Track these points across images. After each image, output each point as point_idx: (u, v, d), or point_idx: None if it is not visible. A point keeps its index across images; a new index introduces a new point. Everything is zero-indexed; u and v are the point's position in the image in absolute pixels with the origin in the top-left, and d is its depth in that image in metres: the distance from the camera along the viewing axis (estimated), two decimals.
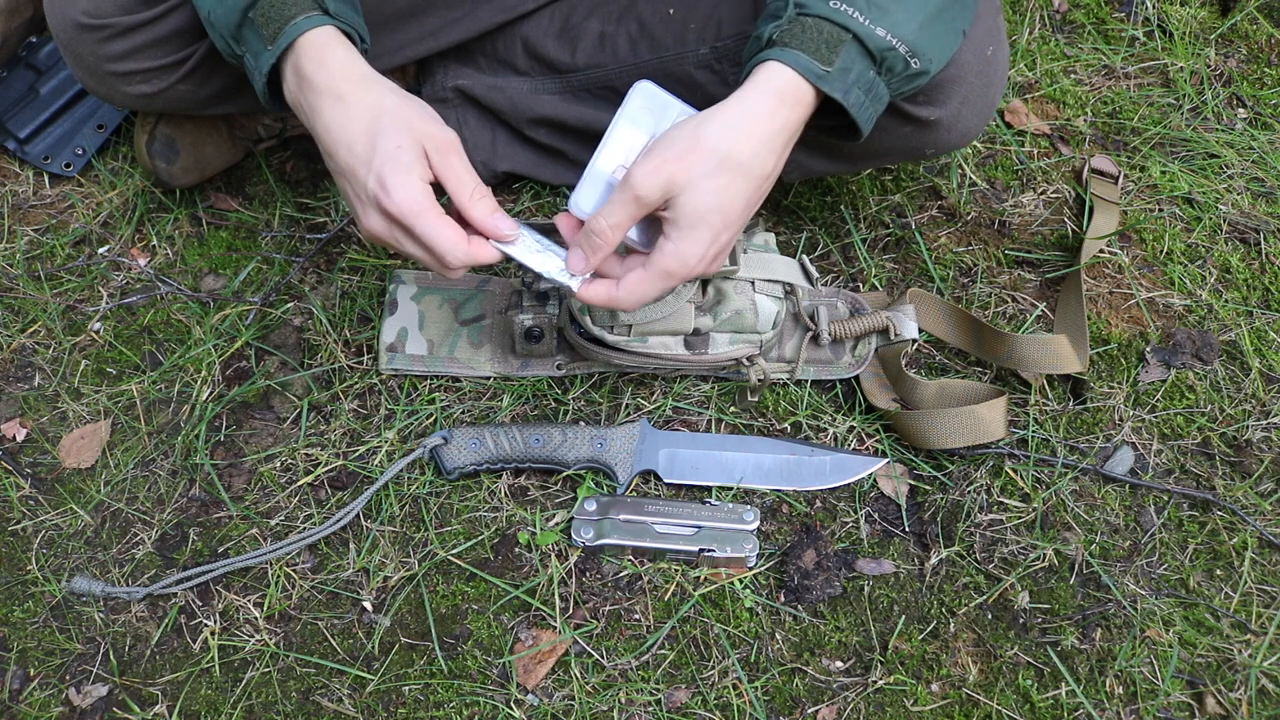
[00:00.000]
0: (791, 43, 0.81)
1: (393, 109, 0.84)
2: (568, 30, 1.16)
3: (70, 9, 1.00)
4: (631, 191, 0.81)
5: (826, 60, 0.81)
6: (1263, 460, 1.08)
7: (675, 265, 0.84)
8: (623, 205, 0.82)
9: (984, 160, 1.32)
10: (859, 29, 0.81)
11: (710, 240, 0.84)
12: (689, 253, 0.83)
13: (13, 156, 1.32)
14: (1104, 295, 1.20)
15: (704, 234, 0.83)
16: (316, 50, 0.86)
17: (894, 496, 1.06)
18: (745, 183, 0.82)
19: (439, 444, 1.04)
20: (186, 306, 1.19)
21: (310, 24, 0.86)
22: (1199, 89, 1.40)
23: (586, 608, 0.99)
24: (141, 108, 1.14)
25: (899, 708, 0.94)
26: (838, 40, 0.81)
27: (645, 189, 0.81)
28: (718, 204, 0.82)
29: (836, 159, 1.12)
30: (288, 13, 0.86)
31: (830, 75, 0.81)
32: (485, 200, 0.86)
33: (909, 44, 0.83)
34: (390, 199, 0.82)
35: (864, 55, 0.82)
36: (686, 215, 0.82)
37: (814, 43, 0.81)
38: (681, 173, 0.81)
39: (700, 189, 0.81)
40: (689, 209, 0.82)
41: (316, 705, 0.95)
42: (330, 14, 0.87)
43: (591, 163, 0.87)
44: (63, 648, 0.98)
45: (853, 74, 0.82)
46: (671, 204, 0.82)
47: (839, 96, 0.82)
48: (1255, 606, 1.00)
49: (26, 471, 1.08)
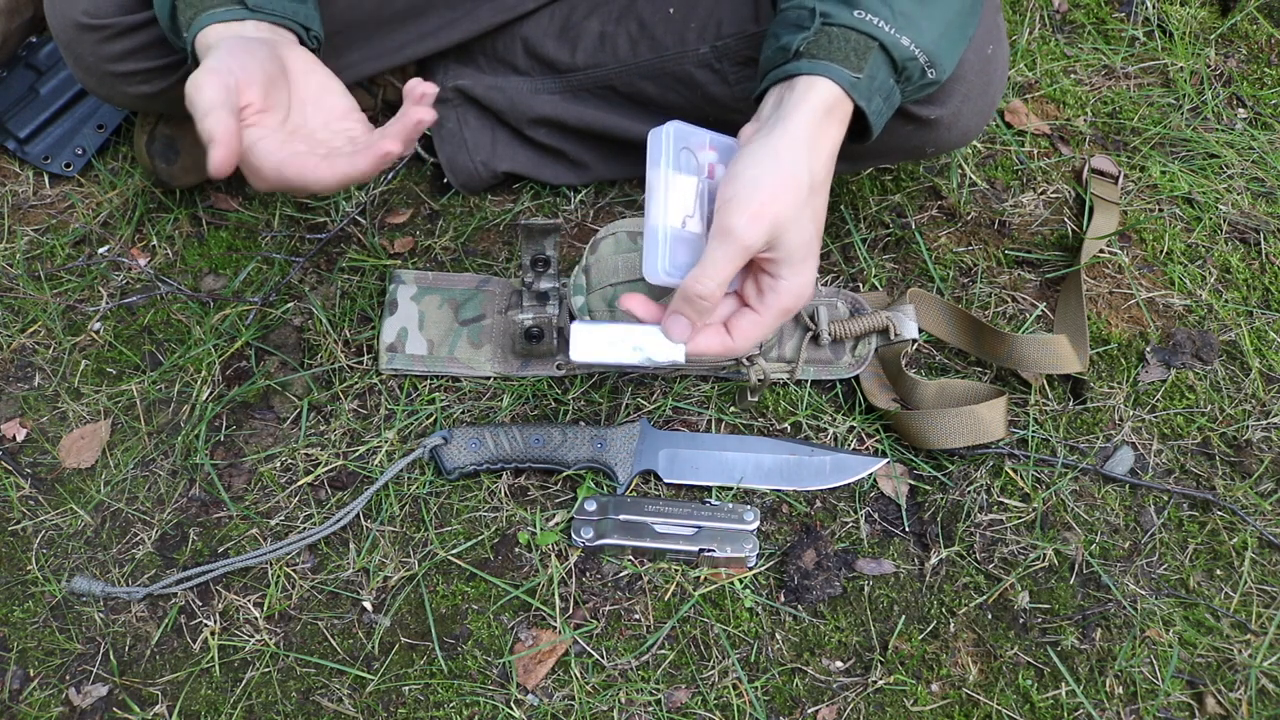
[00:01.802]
0: (820, 54, 0.81)
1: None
2: (568, 30, 1.16)
3: (70, 9, 1.00)
4: (737, 244, 0.77)
5: (856, 69, 0.81)
6: (1263, 460, 1.08)
7: (793, 302, 0.82)
8: (727, 259, 0.77)
9: (984, 160, 1.32)
10: (885, 38, 0.81)
11: (816, 264, 0.82)
12: (805, 285, 0.81)
13: (13, 156, 1.32)
14: (1104, 295, 1.20)
15: (813, 263, 0.82)
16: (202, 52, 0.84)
17: (894, 496, 1.06)
18: (823, 201, 0.82)
19: (439, 444, 1.04)
20: (186, 306, 1.19)
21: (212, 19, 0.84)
22: (1199, 89, 1.40)
23: (586, 608, 0.99)
24: (141, 108, 1.14)
25: (899, 708, 0.94)
26: (865, 49, 0.81)
27: (752, 238, 0.77)
28: (815, 231, 0.81)
29: (838, 159, 1.12)
30: (205, 3, 0.84)
31: (860, 82, 0.81)
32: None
33: (928, 53, 0.84)
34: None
35: (887, 64, 0.82)
36: (797, 251, 0.79)
37: (843, 52, 0.81)
38: (783, 213, 0.78)
39: (801, 223, 0.79)
40: (797, 244, 0.79)
41: (316, 705, 0.95)
42: (248, 6, 0.84)
43: (648, 222, 0.81)
44: (63, 648, 0.98)
45: (876, 82, 0.82)
46: (776, 245, 0.79)
47: (864, 104, 0.82)
48: (1255, 606, 1.00)
49: (26, 471, 1.08)
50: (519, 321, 1.06)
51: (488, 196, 1.28)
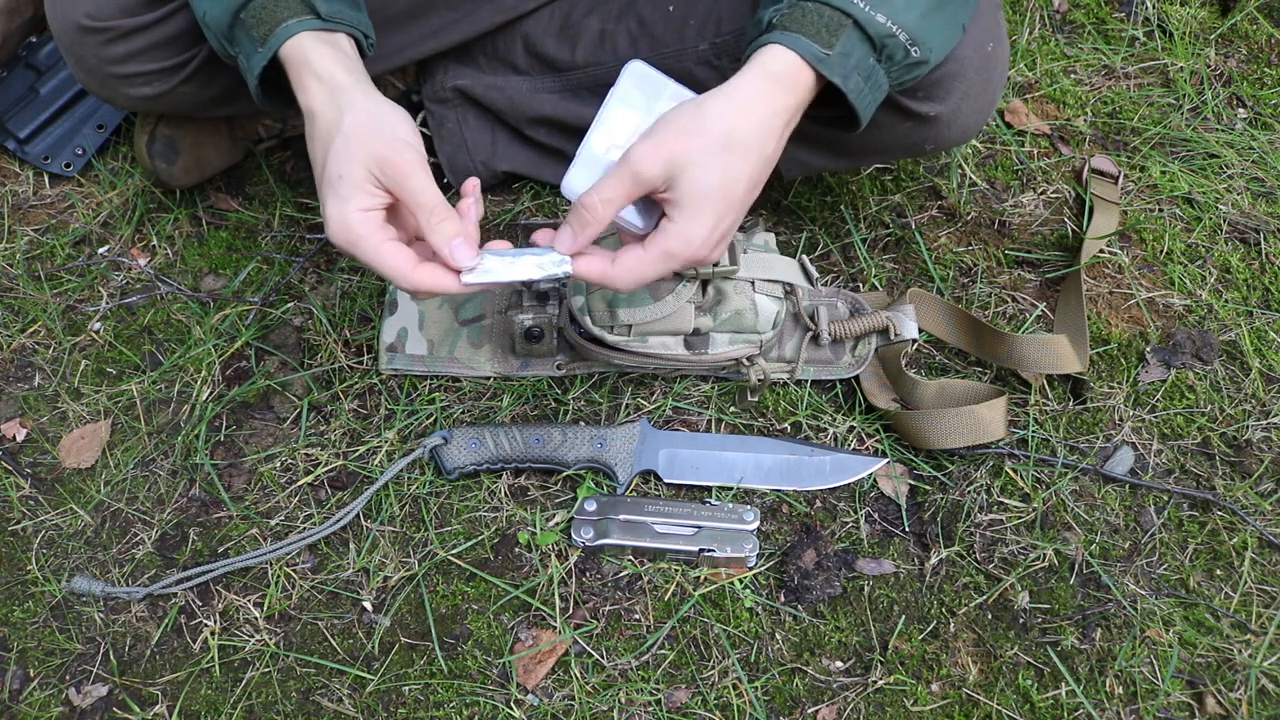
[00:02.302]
0: (792, 26, 0.81)
1: (348, 130, 0.82)
2: (567, 28, 1.16)
3: (72, 11, 1.00)
4: (630, 168, 0.80)
5: (826, 44, 0.80)
6: (1263, 460, 1.08)
7: (678, 246, 0.82)
8: (619, 181, 0.81)
9: (984, 160, 1.32)
10: (859, 14, 0.80)
11: (714, 222, 0.82)
12: (693, 233, 0.82)
13: (13, 156, 1.32)
14: (1104, 295, 1.20)
15: (708, 215, 0.82)
16: (296, 63, 0.85)
17: (894, 496, 1.06)
18: (747, 164, 0.82)
19: (439, 444, 1.04)
20: (186, 306, 1.19)
21: (301, 27, 0.85)
22: (1199, 89, 1.40)
23: (586, 608, 0.99)
24: (143, 110, 1.14)
25: (899, 708, 0.94)
26: (838, 24, 0.80)
27: (644, 166, 0.80)
28: (720, 184, 0.81)
29: (837, 155, 1.12)
30: (279, 15, 0.85)
31: (830, 59, 0.81)
32: (445, 224, 0.82)
33: (909, 32, 0.82)
34: (327, 228, 0.82)
35: (864, 41, 0.81)
36: (689, 195, 0.81)
37: (814, 26, 0.80)
38: (683, 152, 0.80)
39: (703, 168, 0.80)
40: (691, 188, 0.81)
41: (316, 705, 0.95)
42: (321, 16, 0.86)
43: (583, 144, 0.86)
44: (63, 648, 0.98)
45: (853, 59, 0.82)
46: (673, 184, 0.81)
47: (838, 81, 0.81)
48: (1255, 606, 1.00)
49: (26, 471, 1.08)
50: (519, 321, 1.06)
51: (488, 196, 1.28)
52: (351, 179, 0.81)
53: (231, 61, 0.92)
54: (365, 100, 0.84)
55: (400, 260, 0.82)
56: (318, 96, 0.84)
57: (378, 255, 0.82)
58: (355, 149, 0.81)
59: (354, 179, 0.81)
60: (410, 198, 0.82)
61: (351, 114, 0.82)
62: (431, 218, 0.82)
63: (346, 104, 0.83)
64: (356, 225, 0.81)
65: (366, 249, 0.82)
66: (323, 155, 0.82)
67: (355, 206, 0.81)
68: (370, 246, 0.81)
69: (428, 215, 0.82)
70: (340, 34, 0.88)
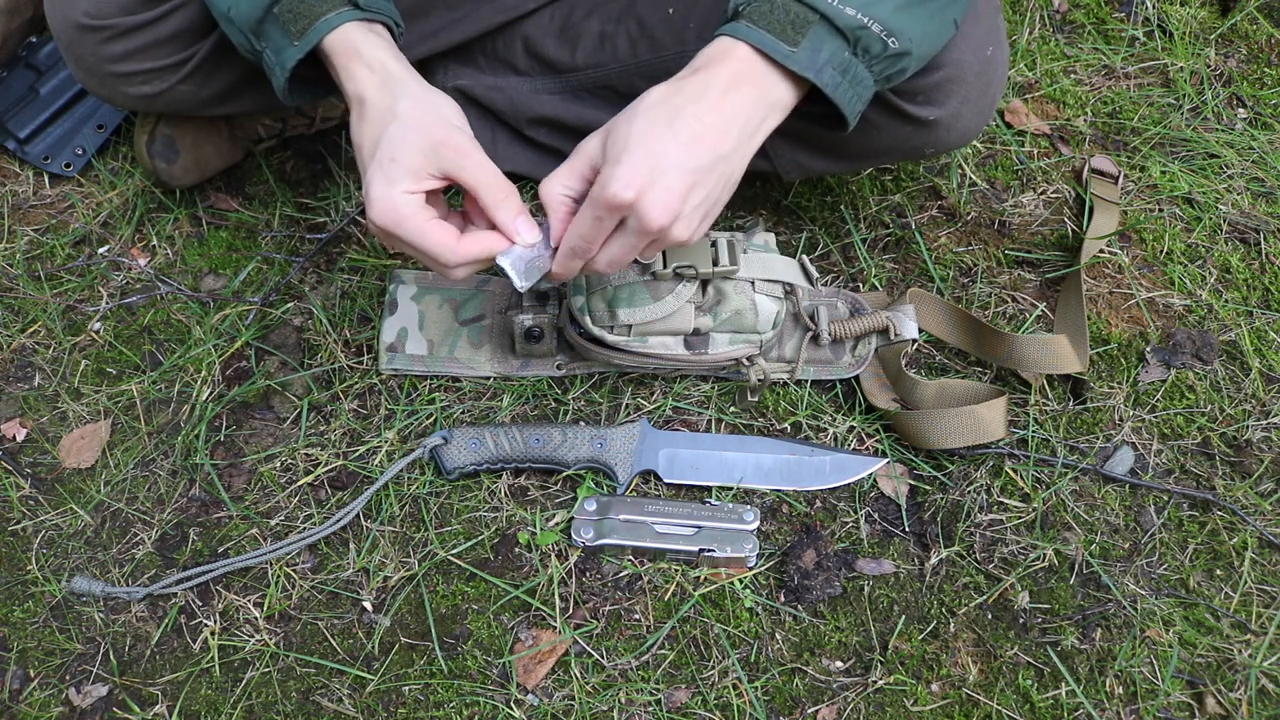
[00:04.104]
0: (758, 20, 0.80)
1: (404, 115, 0.84)
2: (568, 30, 1.16)
3: (71, 10, 1.00)
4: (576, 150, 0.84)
5: (792, 40, 0.80)
6: (1263, 460, 1.08)
7: (606, 193, 0.80)
8: (567, 164, 0.84)
9: (984, 160, 1.32)
10: (826, 9, 0.79)
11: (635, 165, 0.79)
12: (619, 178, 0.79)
13: (13, 156, 1.32)
14: (1104, 295, 1.20)
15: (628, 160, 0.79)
16: (344, 52, 0.87)
17: (894, 496, 1.06)
18: (689, 127, 0.79)
19: (439, 444, 1.04)
20: (186, 306, 1.19)
21: (340, 20, 0.86)
22: (1199, 89, 1.40)
23: (586, 608, 0.99)
24: (142, 108, 1.14)
25: (899, 708, 0.94)
26: (804, 21, 0.80)
27: (588, 143, 0.83)
28: (643, 132, 0.79)
29: (836, 158, 1.12)
30: (317, 9, 0.86)
31: (797, 54, 0.80)
32: (510, 200, 0.86)
33: (883, 23, 0.81)
34: (371, 209, 0.83)
35: (835, 34, 0.80)
36: (617, 142, 0.80)
37: (780, 23, 0.80)
38: (618, 122, 0.81)
39: (627, 120, 0.80)
40: (614, 140, 0.81)
41: (316, 705, 0.95)
42: (360, 6, 0.87)
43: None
44: (63, 648, 0.98)
45: (824, 54, 0.80)
46: (607, 145, 0.82)
47: (811, 76, 0.80)
48: (1255, 606, 1.00)
49: (26, 471, 1.08)
50: (519, 322, 1.06)
51: None
52: (406, 163, 0.83)
53: (254, 57, 0.92)
54: (418, 87, 0.86)
55: (445, 236, 0.84)
56: (369, 84, 0.86)
57: (422, 233, 0.84)
58: (411, 134, 0.83)
59: (408, 163, 0.83)
60: (471, 177, 0.84)
61: (406, 100, 0.84)
62: (497, 194, 0.85)
63: (400, 91, 0.85)
64: (402, 205, 0.83)
65: (411, 228, 0.83)
66: (374, 140, 0.84)
67: (402, 189, 0.83)
68: (415, 225, 0.83)
69: (492, 192, 0.85)
70: (378, 23, 0.89)
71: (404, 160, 0.83)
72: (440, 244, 0.84)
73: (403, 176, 0.83)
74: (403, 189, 0.83)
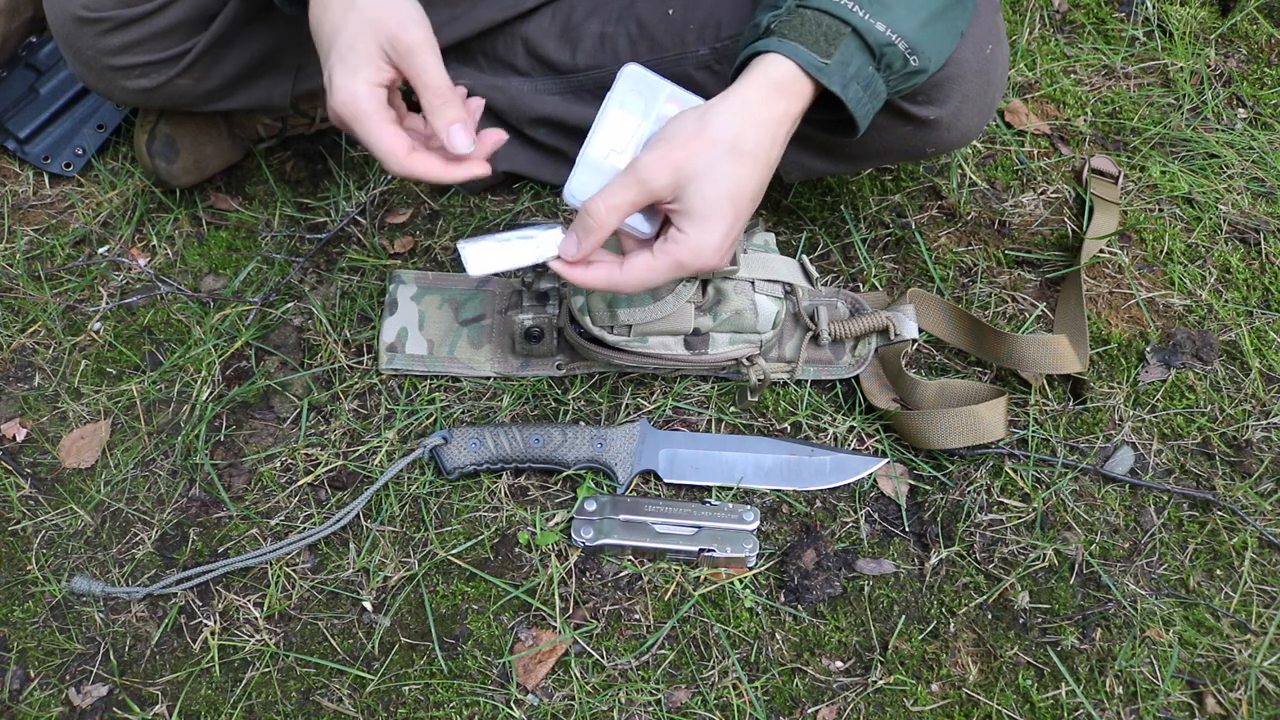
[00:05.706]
0: (790, 34, 0.81)
1: (362, 5, 0.82)
2: (568, 31, 1.16)
3: (69, 2, 1.00)
4: (637, 177, 0.81)
5: (825, 53, 0.81)
6: (1263, 460, 1.08)
7: (688, 256, 0.83)
8: (624, 189, 0.82)
9: (984, 160, 1.32)
10: (858, 23, 0.81)
11: (725, 231, 0.83)
12: (704, 243, 0.83)
13: (13, 156, 1.32)
14: (1104, 295, 1.20)
15: (718, 224, 0.82)
16: None
17: (894, 496, 1.06)
18: (753, 172, 0.82)
19: (439, 444, 1.04)
20: (186, 306, 1.19)
21: None
22: (1199, 89, 1.40)
23: (586, 608, 0.99)
24: (141, 103, 1.14)
25: (899, 708, 0.94)
26: (837, 33, 0.81)
27: (652, 175, 0.81)
28: (729, 193, 0.82)
29: (837, 159, 1.12)
30: None
31: (829, 68, 0.81)
32: (448, 108, 0.83)
33: (909, 41, 0.83)
34: (333, 98, 0.82)
35: (863, 50, 0.82)
36: (700, 205, 0.81)
37: (813, 35, 0.81)
38: (690, 161, 0.80)
39: (711, 179, 0.81)
40: (701, 199, 0.81)
41: (316, 705, 0.95)
42: None
43: (583, 150, 0.87)
44: (63, 648, 0.98)
45: (851, 68, 0.82)
46: (681, 194, 0.81)
47: (838, 90, 0.82)
48: (1255, 606, 1.00)
49: (26, 471, 1.08)
50: (519, 322, 1.06)
51: (488, 196, 1.28)
52: (363, 51, 0.82)
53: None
54: None
55: (396, 144, 0.83)
56: None
57: (377, 133, 0.82)
58: (368, 23, 0.82)
59: (365, 51, 0.82)
60: (418, 75, 0.83)
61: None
62: (435, 98, 0.83)
63: None
64: (362, 99, 0.82)
65: (367, 125, 0.82)
66: (333, 28, 0.83)
67: (363, 79, 0.82)
68: (372, 124, 0.82)
69: (432, 95, 0.83)
70: None
71: (362, 49, 0.82)
72: (389, 150, 0.83)
73: (362, 65, 0.82)
74: (364, 79, 0.82)
